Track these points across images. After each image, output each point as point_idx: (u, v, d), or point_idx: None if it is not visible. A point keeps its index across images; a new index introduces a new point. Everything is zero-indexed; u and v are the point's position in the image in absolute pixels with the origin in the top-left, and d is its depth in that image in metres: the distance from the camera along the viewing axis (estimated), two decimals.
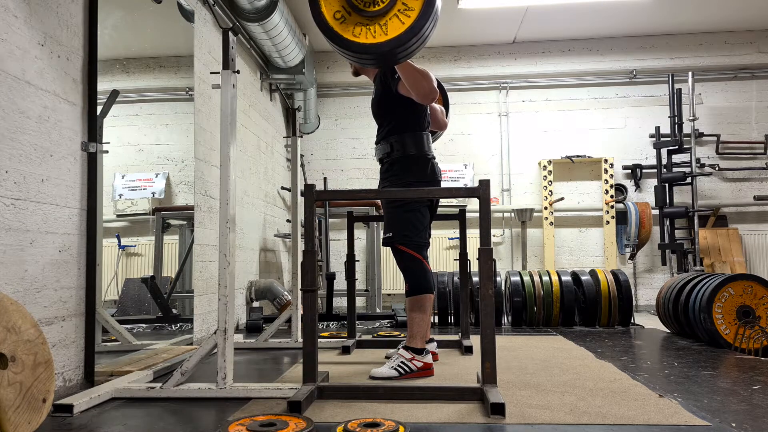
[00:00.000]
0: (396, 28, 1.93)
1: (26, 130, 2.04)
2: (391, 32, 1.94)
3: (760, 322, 3.15)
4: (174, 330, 3.54)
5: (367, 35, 1.96)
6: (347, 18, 1.98)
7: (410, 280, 2.57)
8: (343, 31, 1.97)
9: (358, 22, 1.97)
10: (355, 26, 1.97)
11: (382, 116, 2.68)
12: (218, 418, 1.86)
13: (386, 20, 1.95)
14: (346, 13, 1.98)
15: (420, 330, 2.53)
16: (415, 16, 1.92)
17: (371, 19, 1.95)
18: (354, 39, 1.96)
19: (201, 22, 3.71)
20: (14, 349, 1.56)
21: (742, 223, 5.88)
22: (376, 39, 1.95)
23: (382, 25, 1.95)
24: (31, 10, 2.09)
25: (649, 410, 1.89)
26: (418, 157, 2.60)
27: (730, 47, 5.91)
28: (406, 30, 1.92)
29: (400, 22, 1.93)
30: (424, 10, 1.92)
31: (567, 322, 4.30)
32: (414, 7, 1.93)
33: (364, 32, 1.96)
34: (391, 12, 1.95)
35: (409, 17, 1.93)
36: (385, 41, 1.94)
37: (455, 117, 6.21)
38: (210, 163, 3.69)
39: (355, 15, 1.97)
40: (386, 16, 1.95)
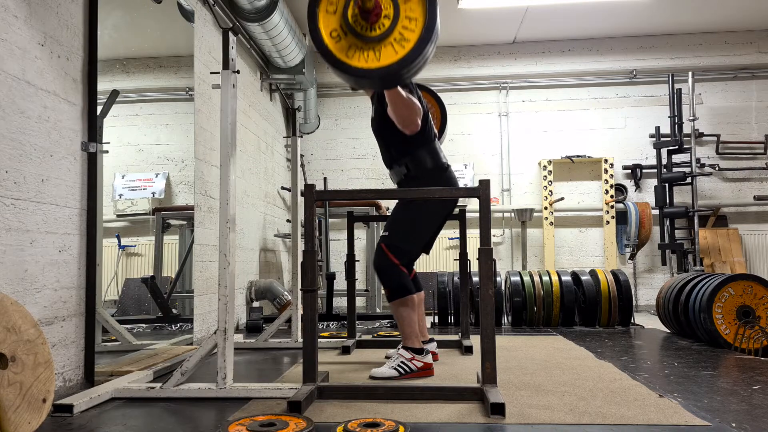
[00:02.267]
0: (389, 56, 1.92)
1: (26, 130, 2.04)
2: (384, 60, 1.92)
3: (760, 322, 3.15)
4: (174, 330, 3.54)
5: (359, 58, 1.93)
6: (343, 38, 1.96)
7: (387, 285, 2.56)
8: (337, 51, 1.95)
9: (352, 44, 1.95)
10: (350, 48, 1.95)
11: (385, 137, 2.68)
12: (218, 418, 1.86)
13: (381, 47, 1.93)
14: (342, 32, 1.96)
15: (412, 329, 2.53)
16: (410, 47, 1.90)
17: (366, 43, 1.94)
18: (345, 60, 1.94)
19: (201, 22, 3.71)
20: (14, 349, 1.56)
21: (742, 223, 5.88)
22: (367, 64, 1.93)
23: (376, 51, 1.93)
24: (31, 10, 2.09)
25: (649, 410, 1.89)
26: (434, 169, 2.61)
27: (730, 47, 5.91)
28: (398, 60, 1.90)
29: (394, 51, 1.91)
30: (419, 42, 1.90)
31: (567, 322, 4.30)
32: (410, 38, 1.91)
33: (357, 55, 1.94)
34: (388, 39, 1.93)
35: (403, 47, 1.91)
36: (376, 68, 1.92)
37: (455, 117, 6.20)
38: (210, 163, 3.69)
39: (351, 36, 1.95)
40: (381, 43, 1.93)
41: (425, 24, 1.91)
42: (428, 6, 1.92)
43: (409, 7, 1.94)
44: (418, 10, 1.93)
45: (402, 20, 1.94)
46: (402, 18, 1.94)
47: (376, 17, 1.94)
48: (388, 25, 1.94)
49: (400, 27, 1.93)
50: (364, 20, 1.95)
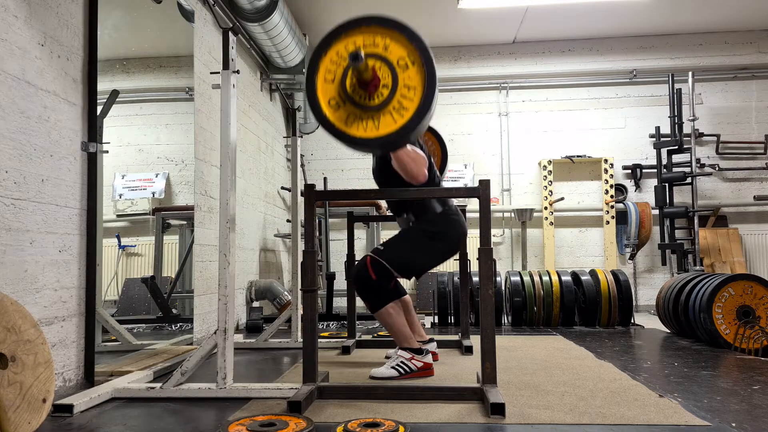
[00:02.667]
0: (388, 125, 1.90)
1: (26, 130, 2.04)
2: (383, 129, 1.90)
3: (760, 322, 3.15)
4: (174, 330, 3.54)
5: (358, 128, 1.91)
6: (341, 106, 1.93)
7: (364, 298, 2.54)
8: (336, 120, 1.93)
9: (351, 113, 1.93)
10: (348, 116, 1.92)
11: (386, 183, 2.67)
12: (218, 418, 1.86)
13: (380, 115, 1.91)
14: (340, 101, 1.94)
15: (402, 333, 2.52)
16: (409, 115, 1.88)
17: (365, 112, 1.92)
18: (344, 129, 1.92)
19: (201, 22, 3.71)
20: (14, 349, 1.56)
21: (742, 223, 5.88)
22: (366, 133, 1.90)
23: (375, 120, 1.90)
24: (31, 10, 2.09)
25: (649, 410, 1.89)
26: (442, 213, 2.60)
27: (730, 47, 5.91)
28: (398, 129, 1.88)
29: (393, 120, 1.90)
30: (418, 111, 1.88)
31: (567, 322, 4.30)
32: (409, 107, 1.89)
33: (356, 125, 1.92)
34: (386, 108, 1.91)
35: (402, 116, 1.89)
36: (375, 137, 1.90)
37: (455, 117, 6.21)
38: (210, 163, 3.69)
39: (349, 105, 1.93)
40: (380, 112, 1.91)
41: (424, 93, 1.89)
42: (427, 75, 1.89)
43: (407, 75, 1.92)
44: (416, 79, 1.91)
45: (401, 89, 1.92)
46: (401, 87, 1.92)
47: (375, 88, 1.92)
48: (387, 94, 1.92)
49: (399, 96, 1.91)
50: (362, 90, 1.93)
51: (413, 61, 1.92)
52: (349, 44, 1.97)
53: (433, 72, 1.89)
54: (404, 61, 1.93)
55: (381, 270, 2.48)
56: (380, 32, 1.95)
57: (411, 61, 1.92)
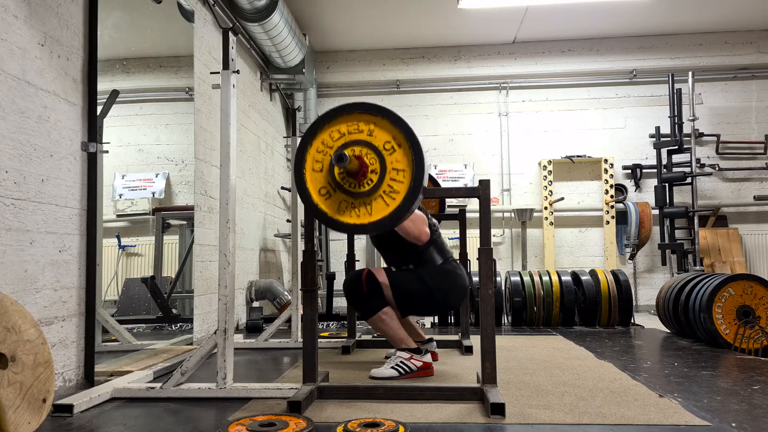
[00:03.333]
0: (380, 210, 1.90)
1: (26, 130, 2.04)
2: (376, 214, 1.90)
3: (760, 322, 3.15)
4: (174, 330, 3.54)
5: (351, 215, 1.91)
6: (332, 194, 1.94)
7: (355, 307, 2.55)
8: (328, 209, 1.93)
9: (342, 200, 1.93)
10: (340, 204, 1.93)
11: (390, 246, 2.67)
12: (218, 418, 1.86)
13: (371, 201, 1.91)
14: (331, 189, 1.94)
15: (397, 334, 2.52)
16: (401, 198, 1.88)
17: (356, 198, 1.92)
18: (338, 218, 1.92)
19: (201, 22, 3.71)
20: (14, 349, 1.56)
21: (742, 223, 5.87)
22: (359, 220, 1.91)
23: (367, 205, 1.91)
24: (31, 10, 2.09)
25: (649, 410, 1.89)
26: (444, 263, 2.61)
27: (730, 47, 5.91)
28: (391, 213, 1.88)
29: (385, 204, 1.90)
30: (410, 193, 1.88)
31: (567, 322, 4.30)
32: (400, 189, 1.89)
33: (348, 212, 1.92)
34: (377, 193, 1.91)
35: (394, 199, 1.89)
36: (369, 223, 1.90)
37: (455, 117, 6.21)
38: (210, 163, 3.69)
39: (339, 193, 1.93)
40: (371, 197, 1.91)
41: (413, 174, 1.88)
42: (414, 156, 1.89)
43: (395, 158, 1.91)
44: (404, 161, 1.90)
45: (389, 173, 1.91)
46: (389, 171, 1.91)
47: (363, 176, 1.92)
48: (376, 179, 1.92)
49: (389, 180, 1.91)
50: (351, 178, 1.93)
51: (399, 144, 1.91)
52: (333, 132, 1.97)
53: (420, 153, 1.89)
54: (390, 144, 1.93)
55: (373, 286, 2.48)
56: (363, 118, 1.95)
57: (397, 144, 1.92)
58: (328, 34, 5.76)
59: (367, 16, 5.43)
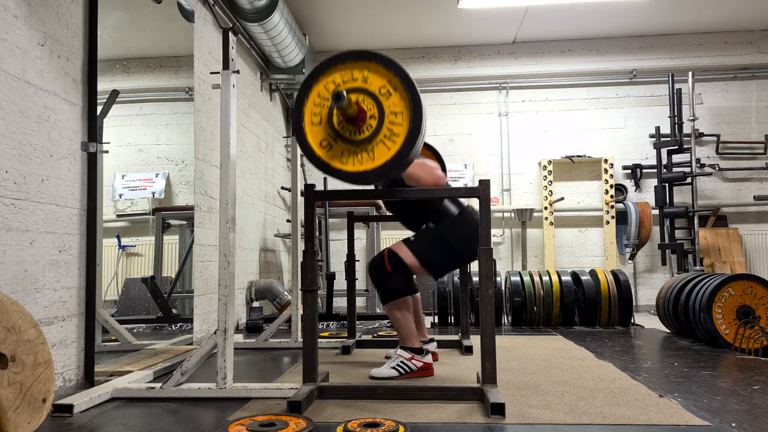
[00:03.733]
0: (383, 155, 1.91)
1: (26, 130, 2.04)
2: (378, 159, 1.91)
3: (760, 322, 3.15)
4: (174, 330, 3.54)
5: (354, 162, 1.93)
6: (333, 145, 1.95)
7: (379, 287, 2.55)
8: (331, 159, 1.94)
9: (344, 149, 1.94)
10: (342, 153, 1.94)
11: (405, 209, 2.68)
12: (218, 418, 1.86)
13: (373, 146, 1.92)
14: (332, 140, 1.95)
15: (408, 330, 2.52)
16: (402, 141, 1.89)
17: (358, 145, 1.93)
18: (341, 167, 1.93)
19: (201, 22, 3.71)
20: (14, 349, 1.56)
21: (742, 223, 5.87)
22: (363, 166, 1.92)
23: (369, 151, 1.92)
24: (31, 10, 2.09)
25: (649, 410, 1.89)
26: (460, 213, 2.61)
27: (730, 47, 5.91)
28: (393, 156, 1.90)
29: (387, 148, 1.91)
30: (410, 135, 1.89)
31: (567, 322, 4.30)
32: (400, 132, 1.90)
33: (351, 159, 1.93)
34: (378, 138, 1.92)
35: (395, 143, 1.90)
36: (373, 168, 1.91)
37: (455, 117, 6.21)
38: (210, 163, 3.69)
39: (341, 142, 1.94)
40: (372, 143, 1.92)
41: (412, 116, 1.89)
42: (411, 98, 1.90)
43: (392, 102, 1.92)
44: (401, 104, 1.91)
45: (388, 117, 1.92)
46: (387, 115, 1.92)
47: (362, 121, 1.93)
48: (376, 124, 1.93)
49: (388, 124, 1.92)
50: (351, 125, 1.94)
51: (395, 87, 1.92)
52: (328, 83, 1.97)
53: (417, 94, 1.89)
54: (386, 89, 1.94)
55: (397, 264, 2.50)
56: (356, 66, 1.96)
57: (393, 88, 1.93)
58: (328, 34, 5.76)
59: (366, 16, 5.43)
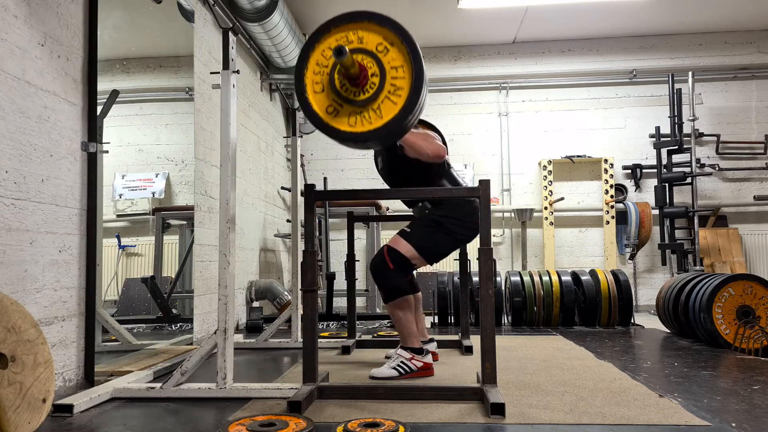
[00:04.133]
0: (390, 110, 1.92)
1: (26, 130, 2.04)
2: (386, 115, 1.92)
3: (760, 322, 3.15)
4: (174, 330, 3.54)
5: (363, 123, 1.93)
6: (340, 110, 1.95)
7: (381, 286, 2.54)
8: (339, 124, 1.95)
9: (351, 112, 1.94)
10: (350, 116, 1.94)
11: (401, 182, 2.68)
12: (218, 418, 1.86)
13: (378, 104, 1.92)
14: (337, 105, 1.96)
15: (409, 330, 2.53)
16: (406, 94, 1.90)
17: (364, 106, 1.93)
18: (350, 129, 1.93)
19: (201, 22, 3.71)
20: (14, 349, 1.56)
21: (742, 223, 5.88)
22: (372, 125, 1.92)
23: (376, 109, 1.93)
24: (31, 10, 2.09)
25: (649, 410, 1.89)
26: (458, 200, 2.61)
27: (730, 47, 5.91)
28: (401, 110, 1.90)
29: (393, 103, 1.91)
30: (413, 88, 1.89)
31: (567, 322, 4.30)
32: (403, 86, 1.90)
33: (359, 120, 1.93)
34: (382, 95, 1.92)
35: (400, 96, 1.91)
36: (383, 125, 1.91)
37: (455, 117, 6.21)
38: (210, 163, 3.69)
39: (347, 105, 1.94)
40: (377, 101, 1.92)
41: (412, 69, 1.90)
42: (409, 51, 1.90)
43: (391, 57, 1.93)
44: (400, 58, 1.92)
45: (389, 72, 1.92)
46: (388, 70, 1.93)
47: (365, 79, 1.93)
48: (378, 81, 1.93)
49: (390, 79, 1.92)
50: (354, 86, 1.94)
51: (391, 42, 1.93)
52: (324, 50, 1.98)
53: (414, 46, 1.90)
54: (383, 45, 1.94)
55: (398, 261, 2.51)
56: (350, 27, 1.96)
57: (389, 43, 1.93)
58: None
59: None
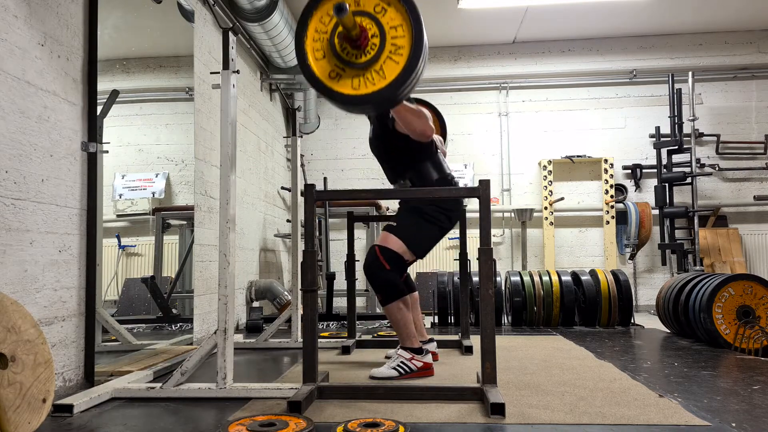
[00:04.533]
0: (393, 70, 1.93)
1: (26, 130, 2.04)
2: (389, 75, 1.93)
3: (760, 322, 3.15)
4: (174, 330, 3.54)
5: (366, 85, 1.94)
6: (342, 74, 1.96)
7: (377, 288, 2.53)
8: (342, 88, 1.95)
9: (354, 75, 1.95)
10: (353, 80, 1.95)
11: (388, 154, 2.68)
12: (218, 418, 1.86)
13: (380, 65, 1.94)
14: (339, 70, 1.97)
15: (408, 330, 2.53)
16: (408, 52, 1.91)
17: (366, 68, 1.94)
18: (355, 92, 1.94)
19: (201, 22, 3.71)
20: (14, 349, 1.56)
21: (742, 223, 5.88)
22: (376, 86, 1.93)
23: (378, 71, 1.94)
24: (31, 10, 2.09)
25: (649, 410, 1.89)
26: (440, 180, 2.61)
27: (730, 47, 5.91)
28: (402, 69, 1.91)
29: (395, 63, 1.92)
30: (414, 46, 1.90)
31: (567, 322, 4.30)
32: (404, 44, 1.92)
33: (362, 83, 1.94)
34: (383, 55, 1.93)
35: (402, 56, 1.92)
36: (386, 85, 1.92)
37: (455, 117, 6.21)
38: (210, 163, 3.69)
39: (349, 69, 1.96)
40: (379, 61, 1.93)
41: (412, 27, 1.91)
42: (407, 9, 1.91)
43: (389, 17, 1.94)
44: (399, 17, 1.93)
45: (389, 32, 1.94)
46: (388, 30, 1.94)
47: (366, 40, 1.93)
48: (379, 42, 1.94)
49: (390, 39, 1.93)
50: (355, 49, 1.95)
51: (388, 3, 1.94)
52: (323, 17, 2.00)
53: (412, 3, 1.91)
54: (380, 6, 1.95)
55: (393, 258, 2.50)
56: None
57: (386, 3, 1.95)
58: None
59: None
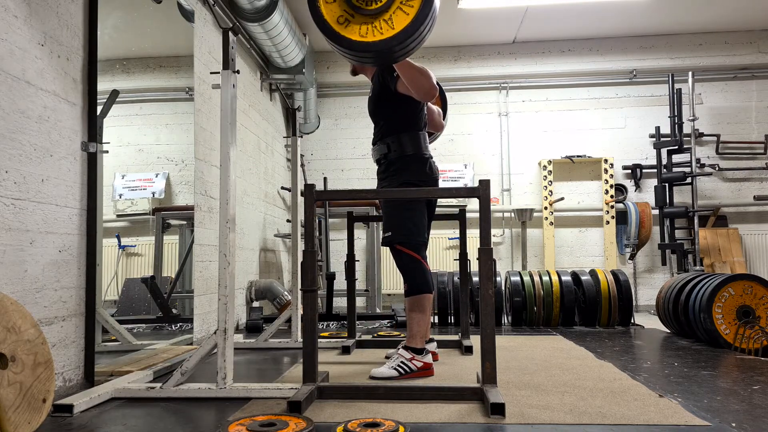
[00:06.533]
0: (402, 20, 1.94)
1: (26, 130, 2.04)
2: (398, 25, 1.95)
3: (760, 322, 3.15)
4: (174, 330, 3.54)
5: (374, 33, 1.96)
6: (351, 20, 1.98)
7: (409, 281, 2.56)
8: (350, 33, 1.97)
9: (363, 22, 1.98)
10: (361, 26, 1.97)
11: (378, 114, 2.68)
12: (218, 418, 1.86)
13: (390, 15, 1.95)
14: (349, 15, 1.98)
15: (420, 330, 2.53)
16: (418, 4, 1.93)
17: (375, 16, 1.96)
18: (362, 39, 1.96)
19: (201, 22, 3.71)
20: (14, 349, 1.56)
21: (742, 223, 5.88)
22: (384, 35, 1.95)
23: (387, 20, 1.95)
24: (31, 10, 2.09)
25: (649, 410, 1.89)
26: (415, 156, 2.60)
27: (730, 47, 5.91)
28: (412, 20, 1.93)
29: (405, 14, 1.94)
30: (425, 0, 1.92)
31: (567, 322, 4.30)
32: None
33: (370, 30, 1.96)
34: (394, 5, 1.95)
35: (412, 7, 1.93)
36: (394, 35, 1.94)
37: (455, 117, 6.21)
38: (210, 163, 3.69)
39: (358, 16, 1.98)
40: (389, 11, 1.95)
41: None
42: None
43: None
44: None
45: None
46: None
47: None
48: None
49: None
50: None
51: None
52: None
53: None
54: None
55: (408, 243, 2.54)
56: None
57: None
58: None
59: None
